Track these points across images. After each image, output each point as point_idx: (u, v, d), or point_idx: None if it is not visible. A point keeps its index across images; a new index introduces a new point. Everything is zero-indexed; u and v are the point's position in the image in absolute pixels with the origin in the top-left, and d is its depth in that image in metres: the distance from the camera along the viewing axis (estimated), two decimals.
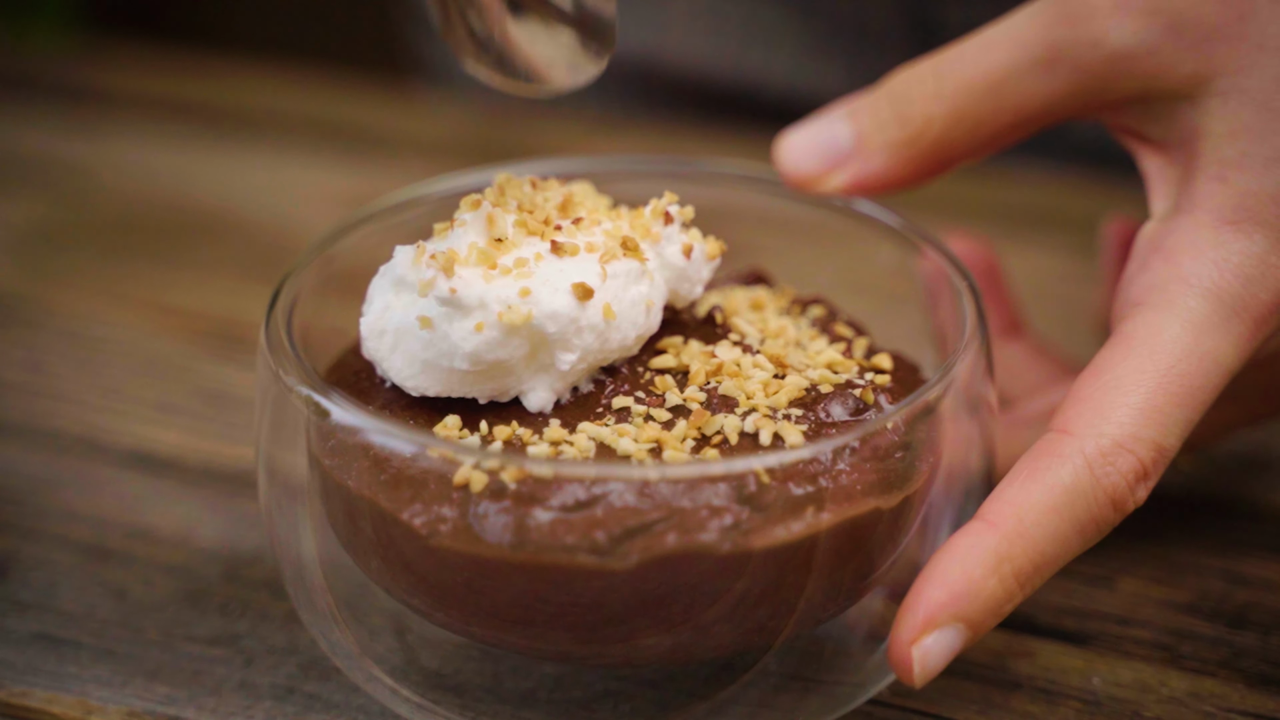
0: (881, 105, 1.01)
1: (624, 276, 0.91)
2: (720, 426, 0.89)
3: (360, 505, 0.88)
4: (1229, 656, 0.99)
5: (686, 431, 0.89)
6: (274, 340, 0.93)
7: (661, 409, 0.91)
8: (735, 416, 0.89)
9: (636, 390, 0.92)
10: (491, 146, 1.66)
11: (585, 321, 0.90)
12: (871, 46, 1.61)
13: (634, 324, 0.92)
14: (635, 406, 0.91)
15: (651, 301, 0.93)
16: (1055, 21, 0.97)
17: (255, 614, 1.03)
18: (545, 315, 0.89)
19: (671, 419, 0.90)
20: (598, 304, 0.90)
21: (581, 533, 0.84)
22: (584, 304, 0.89)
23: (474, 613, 0.88)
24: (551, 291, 0.89)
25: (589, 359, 0.91)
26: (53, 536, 1.09)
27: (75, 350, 1.29)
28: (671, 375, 0.93)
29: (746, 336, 0.96)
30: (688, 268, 0.95)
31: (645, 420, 0.90)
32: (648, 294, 0.93)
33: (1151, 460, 0.89)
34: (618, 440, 0.88)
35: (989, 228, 1.36)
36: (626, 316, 0.91)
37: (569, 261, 0.91)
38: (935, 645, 0.87)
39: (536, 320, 0.89)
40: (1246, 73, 0.94)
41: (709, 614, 0.86)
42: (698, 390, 0.91)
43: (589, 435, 0.89)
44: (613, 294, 0.91)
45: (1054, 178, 1.52)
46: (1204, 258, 0.92)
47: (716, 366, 0.92)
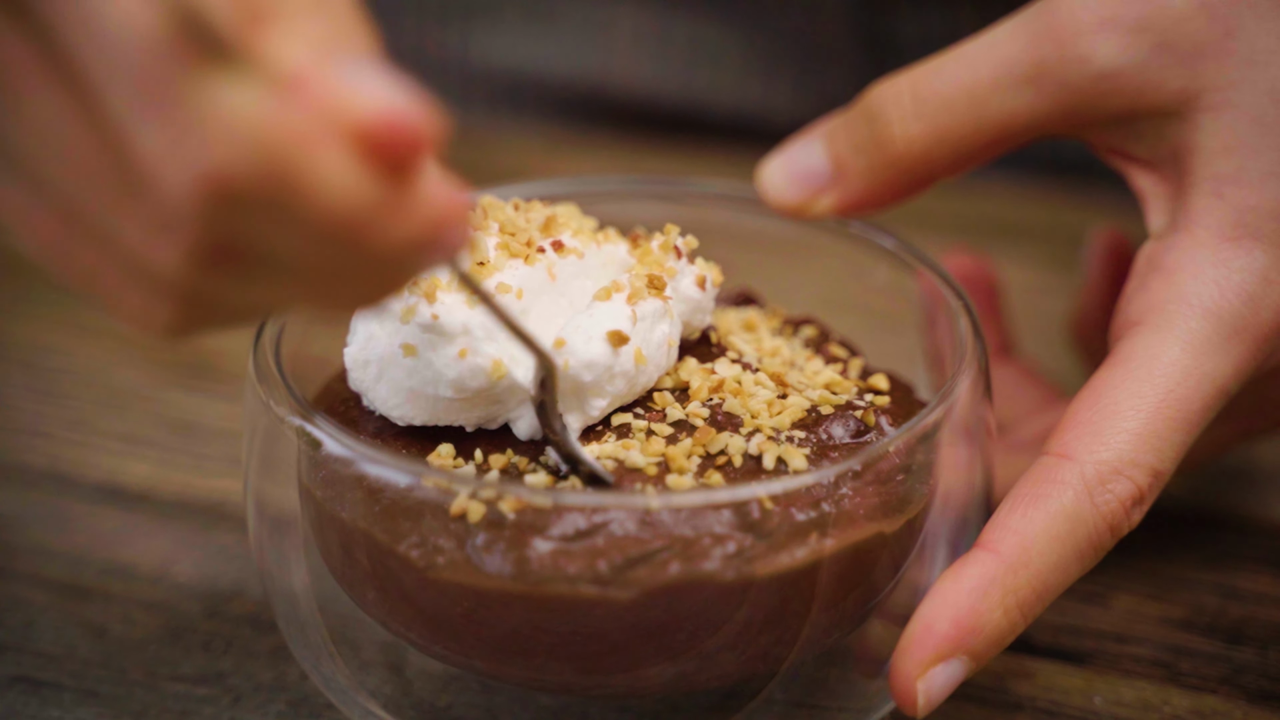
0: (858, 126, 1.00)
1: (651, 317, 0.90)
2: (725, 446, 0.88)
3: (355, 537, 0.86)
4: (1229, 673, 0.99)
5: (691, 449, 0.88)
6: (263, 370, 0.91)
7: (663, 424, 0.89)
8: (740, 437, 0.88)
9: (635, 407, 0.91)
10: (454, 165, 1.64)
11: (619, 369, 0.88)
12: (820, 63, 1.60)
13: (658, 366, 0.91)
14: (635, 422, 0.90)
15: (673, 340, 0.92)
16: (1040, 37, 0.96)
17: (240, 650, 1.01)
18: (581, 365, 0.88)
19: (674, 434, 0.89)
20: (630, 350, 0.89)
21: (584, 563, 0.82)
22: (618, 351, 0.88)
23: (472, 644, 0.86)
24: (586, 340, 0.88)
25: (615, 403, 0.90)
26: (26, 575, 1.07)
27: (36, 382, 1.27)
28: (670, 392, 0.92)
29: (744, 355, 0.95)
30: (702, 299, 0.94)
31: (648, 435, 0.89)
32: (669, 333, 0.91)
33: (1148, 485, 0.89)
34: (626, 454, 0.87)
35: (954, 240, 1.36)
36: (653, 360, 0.90)
37: (600, 306, 0.89)
38: (939, 677, 0.85)
39: (573, 369, 0.87)
40: (1237, 88, 0.94)
41: (712, 643, 0.85)
42: (700, 406, 0.90)
43: (594, 454, 0.87)
44: (642, 337, 0.90)
45: (1018, 189, 1.52)
46: (1204, 276, 0.91)
47: (718, 383, 0.91)
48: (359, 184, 0.66)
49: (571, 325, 0.89)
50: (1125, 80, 0.95)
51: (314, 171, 0.65)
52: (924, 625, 0.85)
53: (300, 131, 0.65)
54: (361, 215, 0.67)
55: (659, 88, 1.66)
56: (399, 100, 0.66)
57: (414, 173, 0.67)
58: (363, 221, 0.67)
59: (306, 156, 0.65)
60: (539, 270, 0.91)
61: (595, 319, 0.89)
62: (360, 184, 0.66)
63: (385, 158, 0.66)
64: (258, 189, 0.65)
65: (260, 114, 0.65)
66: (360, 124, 0.66)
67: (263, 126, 0.65)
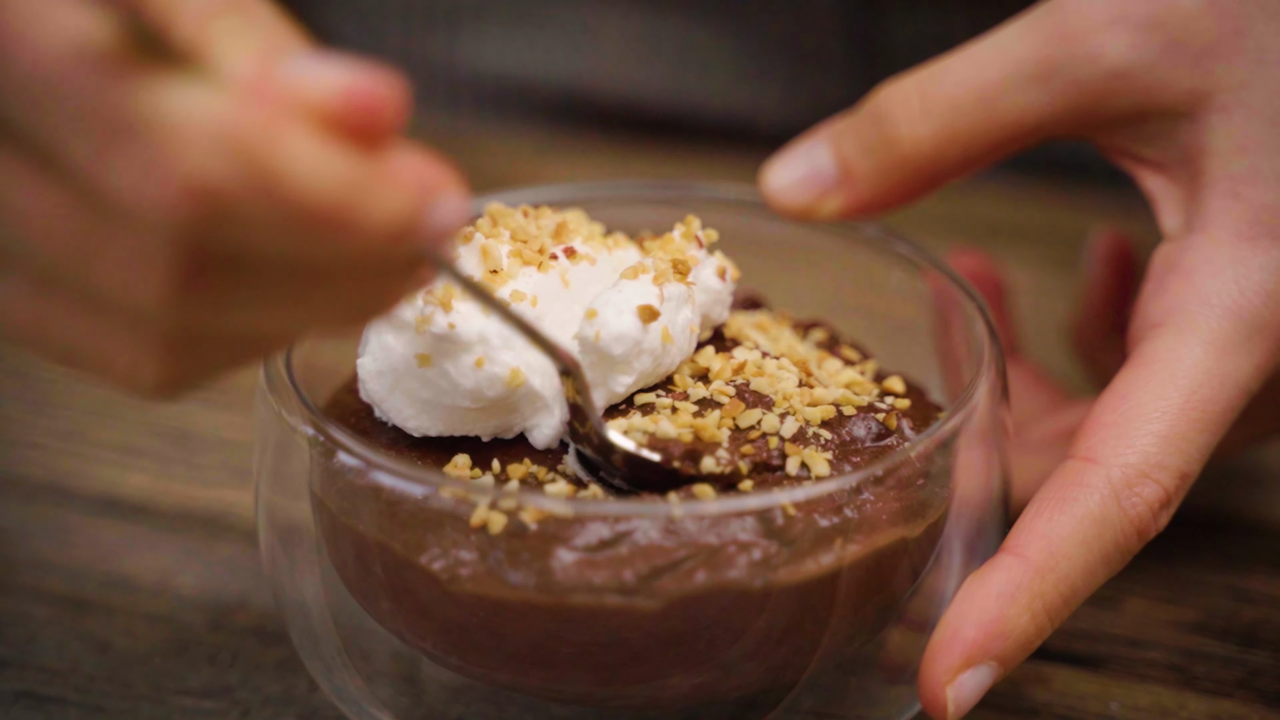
0: (865, 127, 0.99)
1: (675, 300, 0.90)
2: (758, 420, 0.87)
3: (370, 548, 0.85)
4: (1244, 676, 0.98)
5: (721, 421, 0.87)
6: (275, 380, 0.89)
7: (686, 402, 0.89)
8: (774, 415, 0.88)
9: (657, 389, 0.90)
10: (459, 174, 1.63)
11: (647, 344, 0.88)
12: (810, 66, 1.60)
13: (681, 350, 0.90)
14: (659, 400, 0.89)
15: (694, 326, 0.91)
16: (1049, 37, 0.95)
17: (246, 662, 0.99)
18: (612, 337, 0.87)
19: (699, 411, 0.88)
20: (658, 327, 0.88)
21: (609, 572, 0.81)
22: (647, 327, 0.87)
23: (490, 655, 0.85)
24: (617, 313, 0.87)
25: (640, 383, 0.89)
26: (26, 588, 1.05)
27: (29, 393, 1.25)
28: (690, 377, 0.91)
29: (760, 345, 0.94)
30: (721, 291, 0.94)
31: (674, 411, 0.88)
32: (691, 318, 0.91)
33: (1175, 487, 0.88)
34: (655, 426, 0.86)
35: (951, 241, 1.35)
36: (678, 341, 0.89)
37: (627, 284, 0.89)
38: (968, 683, 0.85)
39: (603, 341, 0.87)
40: (1248, 87, 0.93)
41: (735, 651, 0.84)
42: (724, 384, 0.90)
43: (623, 429, 0.86)
44: (668, 317, 0.89)
45: (1013, 190, 1.51)
46: (1223, 276, 0.91)
47: (739, 365, 0.91)
48: (333, 164, 0.65)
49: (603, 299, 0.88)
50: (1136, 79, 0.94)
51: (288, 161, 0.64)
52: (951, 631, 0.85)
53: (266, 124, 0.64)
54: (342, 196, 0.65)
55: (648, 91, 1.66)
56: (354, 75, 0.65)
57: (386, 143, 0.66)
58: (344, 203, 0.66)
59: (278, 148, 0.64)
60: (552, 277, 0.90)
61: (625, 294, 0.88)
62: (334, 164, 0.65)
63: (354, 132, 0.65)
64: (238, 190, 0.64)
65: (223, 113, 0.64)
66: (322, 105, 0.65)
67: (229, 126, 0.64)
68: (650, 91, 1.66)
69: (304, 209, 0.65)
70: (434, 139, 1.64)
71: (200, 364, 0.73)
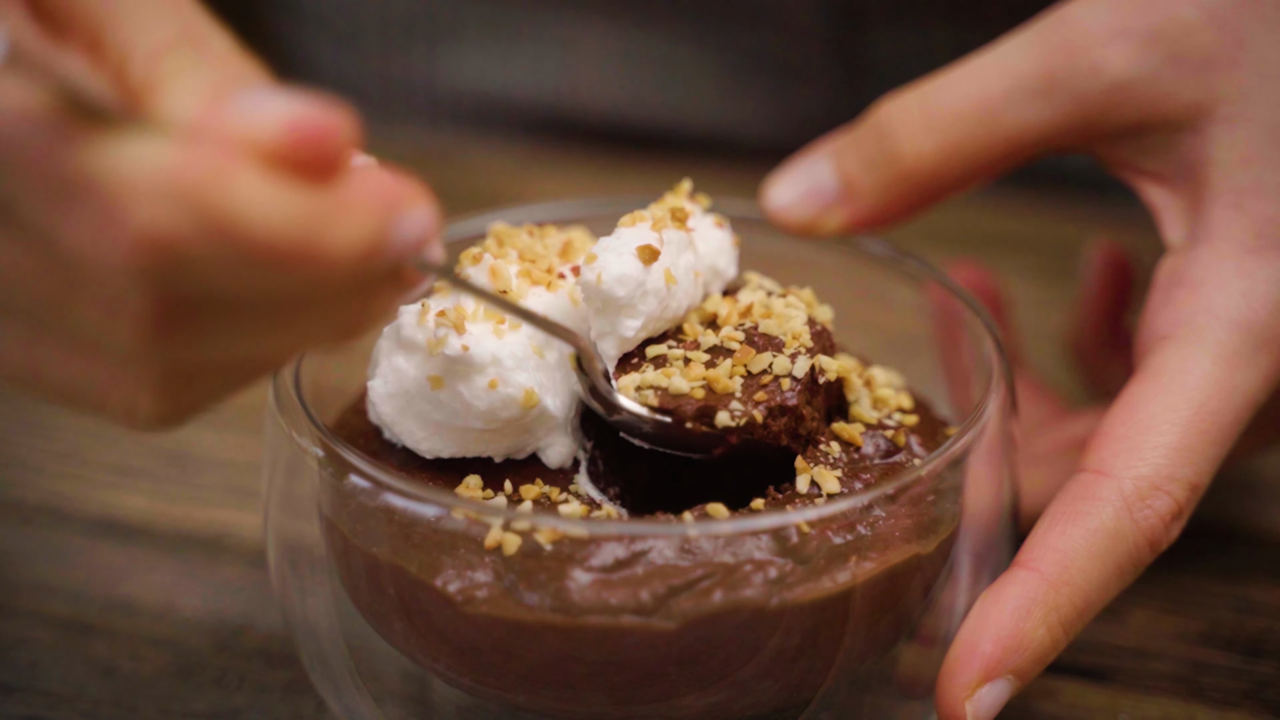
0: (867, 142, 0.99)
1: (676, 244, 0.90)
2: (769, 364, 0.87)
3: (382, 569, 0.85)
4: (1251, 687, 0.99)
5: (733, 369, 0.87)
6: (285, 401, 0.89)
7: (698, 351, 0.89)
8: (784, 356, 0.88)
9: (668, 339, 0.90)
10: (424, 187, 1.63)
11: (650, 285, 0.88)
12: (793, 80, 1.60)
13: (687, 292, 0.90)
14: (671, 352, 0.89)
15: (698, 272, 0.91)
16: (1051, 50, 0.96)
17: (253, 685, 0.99)
18: (614, 279, 0.87)
19: (711, 359, 0.88)
20: (659, 268, 0.88)
21: (626, 593, 0.81)
22: (649, 267, 0.87)
23: (504, 675, 0.85)
24: (617, 255, 0.87)
25: (649, 327, 0.89)
26: (28, 612, 1.05)
27: (23, 414, 1.24)
28: (700, 324, 0.91)
29: (764, 284, 0.95)
30: (723, 240, 0.94)
31: (686, 363, 0.88)
32: (694, 264, 0.91)
33: (1186, 499, 0.89)
34: (667, 381, 0.87)
35: (944, 254, 1.35)
36: (681, 284, 0.90)
37: (624, 231, 0.89)
38: (987, 698, 0.85)
39: (605, 284, 0.87)
40: (1250, 99, 0.94)
41: (751, 670, 0.84)
42: (733, 330, 0.90)
43: (635, 384, 0.87)
44: (670, 259, 0.89)
45: (1005, 202, 1.52)
46: (1230, 288, 0.91)
47: (746, 307, 0.91)
48: (285, 201, 0.65)
49: (601, 244, 0.88)
50: (1138, 91, 0.95)
51: (238, 202, 0.65)
52: (968, 646, 0.85)
53: (214, 168, 0.64)
54: (300, 230, 0.66)
55: (630, 106, 1.66)
56: (299, 109, 0.65)
57: (339, 172, 0.67)
58: (302, 237, 0.66)
59: (227, 190, 0.64)
60: (561, 296, 0.90)
61: (624, 239, 0.88)
62: (287, 200, 0.65)
63: (305, 166, 0.66)
64: (192, 237, 0.65)
65: (169, 162, 0.64)
66: (269, 142, 0.65)
67: (175, 174, 0.64)
68: (633, 106, 1.66)
69: (260, 248, 0.65)
70: (414, 156, 1.64)
71: (196, 394, 0.74)
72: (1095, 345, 1.18)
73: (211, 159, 0.65)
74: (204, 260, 0.65)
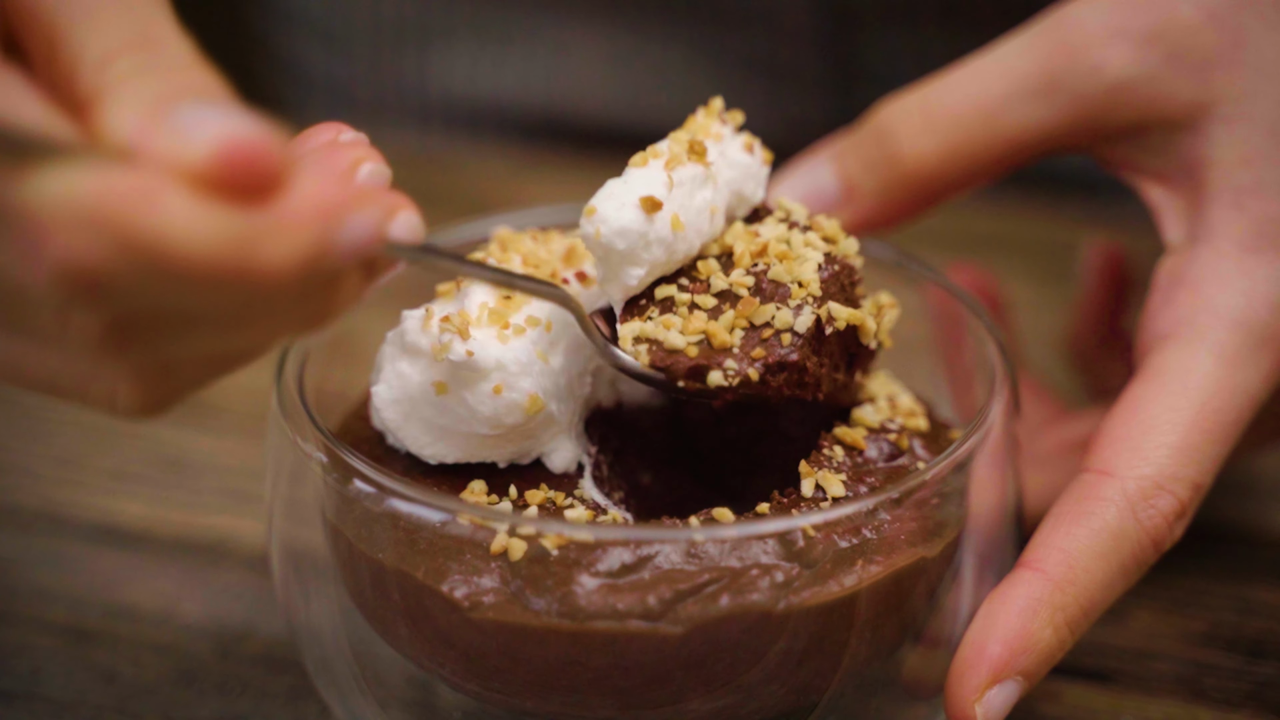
0: (868, 145, 0.99)
1: (690, 183, 0.87)
2: (771, 318, 0.86)
3: (388, 576, 0.85)
4: (1254, 688, 0.99)
5: (734, 321, 0.86)
6: (288, 407, 0.89)
7: (707, 295, 0.87)
8: (788, 309, 0.86)
9: (680, 276, 0.89)
10: (416, 191, 1.62)
11: (654, 235, 0.86)
12: (786, 83, 1.60)
13: (699, 232, 0.88)
14: (679, 295, 0.88)
15: (715, 207, 0.89)
16: (1051, 51, 0.96)
17: (255, 691, 0.99)
18: (613, 233, 0.85)
19: (718, 305, 0.87)
20: (665, 216, 0.86)
21: (633, 598, 0.81)
22: (652, 218, 0.86)
23: (510, 680, 0.85)
24: (618, 207, 0.85)
25: (655, 273, 0.88)
26: (28, 619, 1.05)
27: (20, 419, 1.24)
28: (716, 259, 0.89)
29: (793, 214, 0.92)
30: (751, 163, 0.92)
31: (690, 310, 0.87)
32: (712, 199, 0.89)
33: (1189, 498, 0.89)
34: (664, 334, 0.85)
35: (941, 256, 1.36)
36: (693, 225, 0.88)
37: (634, 172, 0.87)
38: (996, 700, 0.85)
39: (605, 238, 0.85)
40: (1250, 99, 0.94)
41: (757, 674, 0.84)
42: (744, 274, 0.88)
43: (634, 335, 0.86)
44: (679, 203, 0.87)
45: (1002, 203, 1.52)
46: (1231, 288, 0.91)
47: (761, 246, 0.89)
48: (215, 222, 0.65)
49: (605, 192, 0.86)
50: (1137, 91, 0.95)
51: (164, 225, 0.65)
52: (976, 648, 0.85)
53: (138, 192, 0.65)
54: (228, 250, 0.66)
55: (623, 110, 1.65)
56: (232, 131, 0.65)
57: (273, 190, 0.66)
58: (233, 255, 0.66)
59: (152, 214, 0.65)
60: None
61: (629, 185, 0.86)
62: (217, 221, 0.65)
63: (234, 188, 0.66)
64: (113, 263, 0.65)
65: (90, 189, 0.64)
66: (196, 166, 0.65)
67: (95, 201, 0.64)
68: (625, 110, 1.65)
69: (188, 270, 0.65)
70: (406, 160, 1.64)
71: (176, 384, 0.74)
72: (1093, 345, 1.18)
73: (136, 183, 0.65)
74: (131, 283, 0.66)
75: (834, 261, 0.89)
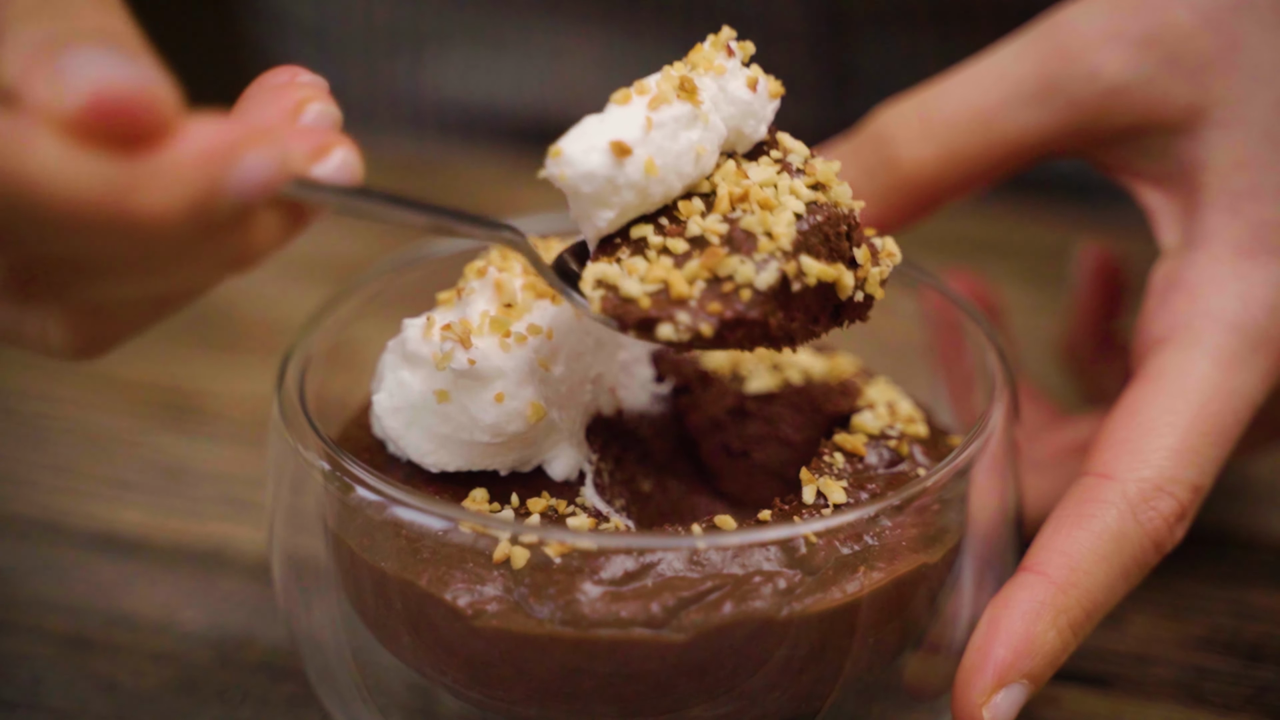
0: (866, 150, 1.00)
1: (673, 124, 0.84)
2: (733, 273, 0.82)
3: (390, 584, 0.85)
4: (1253, 692, 0.99)
5: (696, 272, 0.82)
6: (290, 415, 0.89)
7: (680, 239, 0.84)
8: (750, 264, 0.82)
9: (661, 216, 0.86)
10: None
11: (624, 180, 0.83)
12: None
13: (680, 174, 0.85)
14: (653, 237, 0.84)
15: (703, 148, 0.85)
16: (1047, 55, 0.96)
17: (256, 700, 0.99)
18: (578, 176, 0.83)
19: (688, 251, 0.83)
20: (639, 160, 0.83)
21: (637, 605, 0.81)
22: (622, 162, 0.83)
23: (513, 688, 0.85)
24: (584, 151, 0.83)
25: (629, 214, 0.85)
26: (28, 628, 1.04)
27: (17, 428, 1.24)
28: (702, 198, 0.86)
29: (790, 154, 0.89)
30: (753, 101, 0.89)
31: (660, 254, 0.84)
32: (699, 140, 0.85)
33: (1189, 500, 0.89)
34: (623, 280, 0.83)
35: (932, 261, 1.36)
36: (672, 168, 0.84)
37: (614, 110, 0.84)
38: (1003, 704, 0.85)
39: (570, 179, 0.83)
40: (1245, 103, 0.95)
41: (760, 681, 0.84)
42: (720, 221, 0.84)
43: (597, 278, 0.83)
44: (657, 145, 0.84)
45: (994, 209, 1.52)
46: (1227, 291, 0.92)
47: (744, 192, 0.85)
48: (86, 168, 0.66)
49: (576, 131, 0.83)
50: (1133, 95, 0.95)
51: (36, 169, 0.65)
52: (981, 653, 0.85)
53: (9, 136, 0.65)
54: (101, 196, 0.66)
55: None
56: (112, 78, 0.66)
57: (155, 139, 0.67)
58: (107, 201, 0.66)
59: (22, 158, 0.65)
60: (566, 310, 0.90)
61: (603, 125, 0.83)
62: (87, 168, 0.66)
63: (108, 136, 0.66)
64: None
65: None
66: (71, 113, 0.66)
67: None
68: None
69: (56, 214, 0.66)
70: (400, 166, 1.64)
71: (108, 327, 0.74)
72: (1088, 349, 1.19)
73: (7, 127, 0.66)
74: (10, 226, 0.67)
75: (819, 210, 0.85)
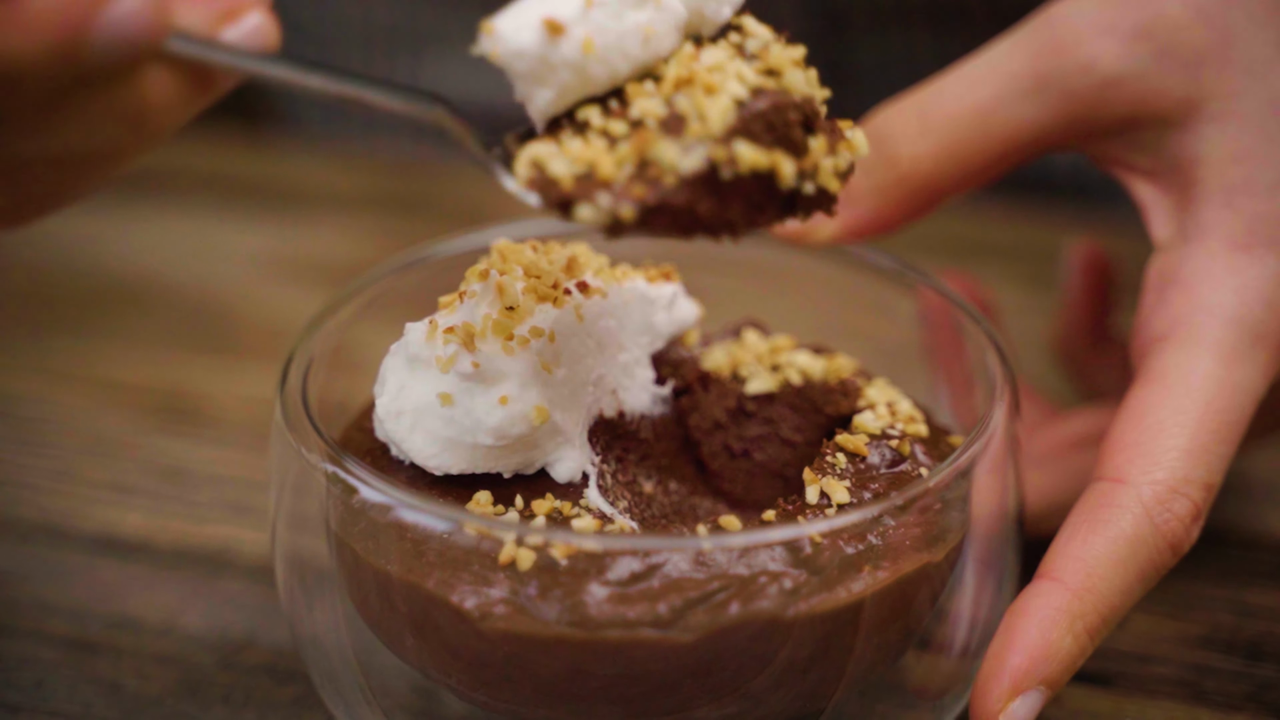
0: None
1: (616, 3, 0.82)
2: (658, 156, 0.80)
3: (395, 586, 0.85)
4: (1254, 690, 0.99)
5: (624, 155, 0.80)
6: (293, 418, 0.89)
7: (622, 121, 0.82)
8: (676, 147, 0.80)
9: (612, 99, 0.84)
10: (403, 198, 1.63)
11: (558, 58, 0.81)
12: None
13: (625, 56, 0.83)
14: (595, 120, 0.83)
15: (652, 29, 0.83)
16: (1041, 50, 0.97)
17: (260, 702, 0.99)
18: (510, 53, 0.81)
19: (629, 134, 0.82)
20: (575, 38, 0.81)
21: (643, 606, 0.82)
22: (555, 40, 0.81)
23: (519, 689, 0.85)
24: (516, 28, 0.81)
25: (570, 95, 0.83)
26: (30, 631, 1.04)
27: (16, 432, 1.24)
28: (654, 80, 0.84)
29: (748, 39, 0.86)
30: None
31: (600, 136, 0.82)
32: (647, 21, 0.83)
33: (1203, 499, 0.89)
34: (553, 159, 0.81)
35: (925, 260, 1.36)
36: (615, 49, 0.82)
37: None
38: (1020, 710, 0.86)
39: (502, 56, 0.82)
40: (1239, 97, 0.95)
41: (765, 681, 0.85)
42: (661, 104, 0.82)
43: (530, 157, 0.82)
44: (598, 24, 0.82)
45: (984, 208, 1.52)
46: (1223, 286, 0.92)
47: (688, 76, 0.83)
48: None
49: (513, 8, 0.82)
50: (1128, 87, 0.95)
51: None
52: (997, 660, 0.86)
53: None
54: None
55: None
56: None
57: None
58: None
59: None
60: (567, 313, 0.91)
61: (541, 2, 0.81)
62: None
63: None
64: None
65: None
66: None
67: None
68: None
69: None
70: (398, 167, 1.63)
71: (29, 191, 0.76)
72: (1082, 346, 1.19)
73: None
74: None
75: (765, 97, 0.82)
